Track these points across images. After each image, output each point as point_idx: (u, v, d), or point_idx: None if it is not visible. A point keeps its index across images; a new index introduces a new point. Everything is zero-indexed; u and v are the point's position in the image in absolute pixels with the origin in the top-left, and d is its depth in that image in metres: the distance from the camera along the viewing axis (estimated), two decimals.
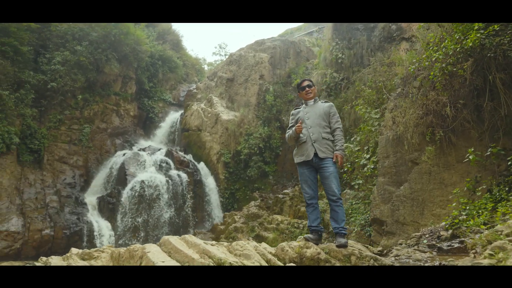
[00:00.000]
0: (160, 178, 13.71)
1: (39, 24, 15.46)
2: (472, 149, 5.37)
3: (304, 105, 5.05)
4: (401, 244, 4.68)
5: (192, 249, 2.86)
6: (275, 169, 14.92)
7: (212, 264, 2.46)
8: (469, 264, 2.13)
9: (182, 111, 19.27)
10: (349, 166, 9.21)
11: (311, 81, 5.08)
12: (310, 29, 20.58)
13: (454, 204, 5.28)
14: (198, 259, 2.54)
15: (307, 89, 4.95)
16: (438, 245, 3.86)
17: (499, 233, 2.82)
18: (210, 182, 14.84)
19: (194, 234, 12.28)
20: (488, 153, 5.38)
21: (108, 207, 13.49)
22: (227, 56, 20.72)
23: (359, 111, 8.82)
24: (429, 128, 6.12)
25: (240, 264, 2.56)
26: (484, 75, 5.47)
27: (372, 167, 8.33)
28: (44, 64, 15.42)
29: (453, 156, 6.17)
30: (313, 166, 4.69)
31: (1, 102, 13.17)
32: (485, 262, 2.10)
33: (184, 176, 14.14)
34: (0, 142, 12.97)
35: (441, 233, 4.76)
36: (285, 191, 12.46)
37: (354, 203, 9.27)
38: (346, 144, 9.53)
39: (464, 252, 3.51)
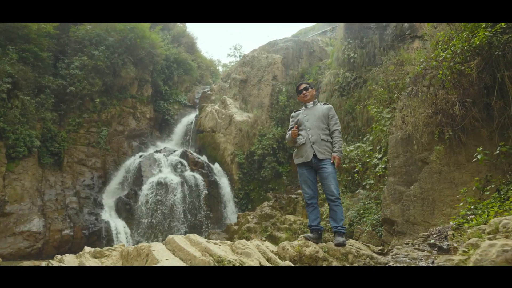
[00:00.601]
0: (175, 179, 13.95)
1: (57, 30, 15.93)
2: (481, 148, 5.34)
3: (304, 107, 5.16)
4: (407, 243, 4.72)
5: (195, 248, 2.99)
6: (288, 170, 14.96)
7: (212, 261, 2.58)
8: (442, 261, 2.19)
9: (197, 113, 19.53)
10: (360, 166, 9.21)
11: (308, 83, 5.21)
12: (324, 29, 20.56)
13: (461, 204, 5.27)
14: (199, 257, 2.67)
15: (304, 92, 5.07)
16: (439, 244, 3.89)
17: (481, 231, 2.85)
18: (224, 183, 15.01)
19: (209, 235, 12.47)
20: (498, 152, 5.34)
21: (125, 207, 13.81)
22: (241, 57, 20.88)
23: (371, 111, 8.83)
24: (437, 127, 6.10)
25: (238, 261, 2.68)
26: (493, 73, 5.44)
27: (384, 166, 8.32)
28: (63, 69, 15.87)
29: (463, 155, 6.14)
30: (312, 167, 4.82)
31: (22, 107, 13.63)
32: (457, 258, 2.17)
33: (198, 177, 14.36)
34: (22, 146, 13.43)
35: (449, 232, 4.77)
36: (298, 191, 12.49)
37: (366, 203, 9.27)
38: (358, 144, 9.54)
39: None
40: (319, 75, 15.12)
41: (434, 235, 4.91)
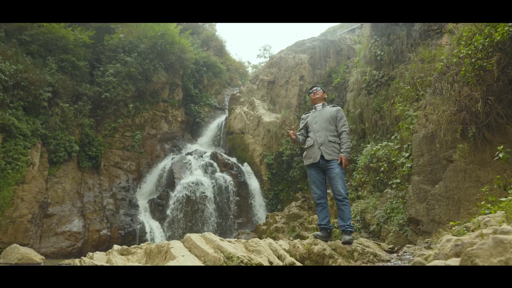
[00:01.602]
0: (206, 181, 14.32)
1: (93, 40, 16.71)
2: (502, 147, 5.25)
3: (313, 109, 5.36)
4: (426, 242, 4.73)
5: (209, 245, 3.20)
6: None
7: (223, 258, 2.78)
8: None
9: (227, 115, 19.88)
10: (386, 165, 9.15)
11: (318, 86, 5.49)
12: (352, 26, 20.36)
13: (483, 203, 5.20)
14: (212, 254, 2.88)
15: (314, 90, 5.37)
16: None
17: (465, 228, 2.88)
18: (254, 184, 15.22)
19: (238, 235, 12.72)
20: None
21: (158, 208, 14.32)
22: (269, 58, 21.05)
23: (397, 109, 8.76)
24: (460, 125, 6.02)
25: (247, 258, 2.87)
26: (508, 69, 5.34)
27: (410, 166, 8.25)
28: (98, 76, 16.63)
29: (488, 153, 6.03)
30: (320, 168, 4.98)
31: (62, 114, 14.44)
32: (427, 253, 2.25)
33: (228, 178, 14.66)
34: (62, 151, 14.24)
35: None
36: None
37: (394, 202, 9.20)
38: (385, 143, 9.47)
39: None
40: (347, 73, 15.03)
41: None
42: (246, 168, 15.87)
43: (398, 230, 8.21)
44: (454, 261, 1.71)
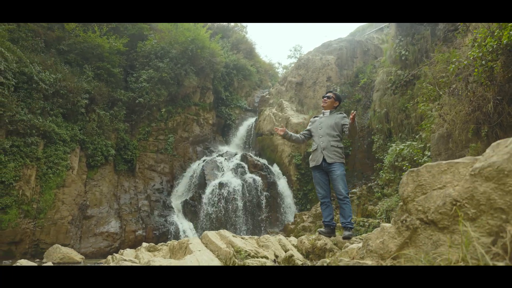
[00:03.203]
0: (236, 182, 14.51)
1: (127, 47, 17.35)
2: None
3: (321, 114, 5.70)
4: None
5: (222, 241, 3.34)
6: (345, 169, 14.83)
7: (233, 251, 2.91)
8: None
9: (257, 117, 20.04)
10: (408, 164, 8.96)
11: (334, 93, 5.73)
12: (381, 25, 20.01)
13: None
14: (224, 248, 3.02)
15: (325, 98, 5.64)
16: None
17: None
18: (283, 184, 15.28)
19: (267, 234, 12.82)
20: None
21: (190, 209, 14.65)
22: (298, 59, 21.04)
23: (419, 109, 8.61)
24: (473, 125, 5.91)
25: (254, 251, 3.01)
26: None
27: None
28: (132, 82, 17.24)
29: None
30: (323, 170, 5.35)
31: (99, 120, 15.09)
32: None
33: (258, 179, 14.79)
34: (99, 155, 14.87)
35: None
36: (353, 190, 12.37)
37: None
38: (409, 142, 9.31)
39: None
40: (373, 74, 14.82)
41: None
42: (275, 168, 15.96)
43: None
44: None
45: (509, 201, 1.68)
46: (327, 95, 5.67)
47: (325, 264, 3.02)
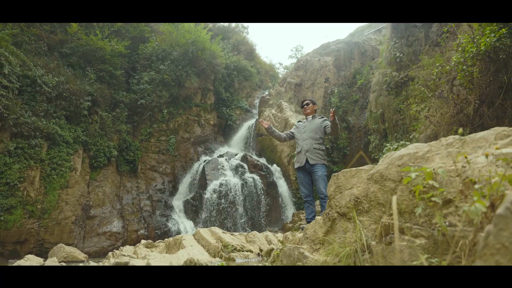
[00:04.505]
0: (236, 182, 14.73)
1: (128, 50, 17.59)
2: None
3: (305, 119, 6.15)
4: None
5: (213, 237, 3.56)
6: (343, 169, 14.99)
7: (220, 245, 3.14)
8: None
9: (257, 117, 20.23)
10: None
11: (310, 100, 6.23)
12: (379, 26, 20.15)
13: None
14: (213, 243, 3.26)
15: (305, 106, 6.13)
16: None
17: None
18: (282, 184, 15.49)
19: (267, 232, 13.03)
20: None
21: (191, 209, 14.88)
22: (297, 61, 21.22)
23: (410, 110, 8.81)
24: (456, 127, 6.12)
25: (240, 245, 3.23)
26: (505, 74, 5.43)
27: None
28: (134, 84, 17.48)
29: None
30: (306, 170, 5.72)
31: (101, 121, 15.33)
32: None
33: (257, 178, 15.00)
34: (102, 156, 15.12)
35: None
36: None
37: None
38: (402, 142, 9.46)
39: None
40: (370, 75, 15.02)
41: None
42: (274, 168, 16.16)
43: None
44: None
45: (386, 198, 2.26)
46: (305, 102, 6.15)
47: (274, 253, 3.35)
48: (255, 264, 3.56)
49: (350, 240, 2.42)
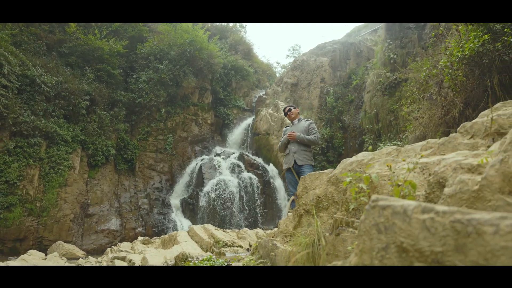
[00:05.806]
0: (233, 180, 14.93)
1: (126, 49, 17.74)
2: None
3: (291, 124, 6.59)
4: None
5: (205, 233, 3.77)
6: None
7: (212, 241, 3.35)
8: None
9: (254, 116, 20.43)
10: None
11: (291, 106, 6.67)
12: (376, 27, 20.36)
13: None
14: (206, 239, 3.45)
15: (288, 113, 6.57)
16: None
17: None
18: (278, 183, 15.69)
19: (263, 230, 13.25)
20: None
21: (189, 207, 15.08)
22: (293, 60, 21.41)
23: (401, 111, 9.01)
24: (441, 128, 6.32)
25: (230, 241, 3.45)
26: (489, 78, 5.64)
27: None
28: (132, 83, 17.63)
29: None
30: (295, 171, 6.06)
31: (99, 120, 15.50)
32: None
33: (254, 177, 15.20)
34: (100, 155, 15.29)
35: None
36: None
37: None
38: (394, 142, 9.69)
39: None
40: (365, 75, 15.24)
41: None
42: (271, 168, 16.36)
43: None
44: None
45: (340, 197, 2.63)
46: (287, 109, 6.56)
47: (254, 245, 3.95)
48: (242, 257, 3.77)
49: (312, 232, 2.77)
